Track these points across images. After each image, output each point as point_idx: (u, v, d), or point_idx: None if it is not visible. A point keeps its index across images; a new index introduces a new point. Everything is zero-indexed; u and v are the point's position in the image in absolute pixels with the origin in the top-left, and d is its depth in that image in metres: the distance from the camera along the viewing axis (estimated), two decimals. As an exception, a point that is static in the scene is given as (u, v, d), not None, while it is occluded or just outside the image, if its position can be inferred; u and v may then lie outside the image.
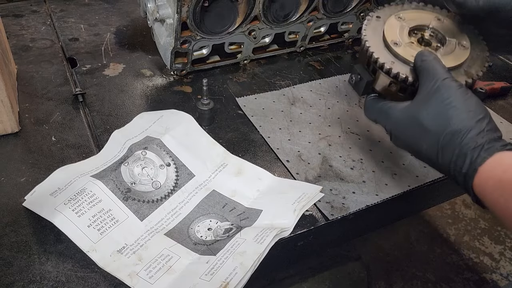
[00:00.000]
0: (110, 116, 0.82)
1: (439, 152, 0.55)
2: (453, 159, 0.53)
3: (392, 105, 0.62)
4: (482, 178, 0.51)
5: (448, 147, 0.53)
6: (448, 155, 0.54)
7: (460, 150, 0.52)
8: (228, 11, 0.87)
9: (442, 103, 0.54)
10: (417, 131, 0.56)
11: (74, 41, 1.02)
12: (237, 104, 0.88)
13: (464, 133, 0.52)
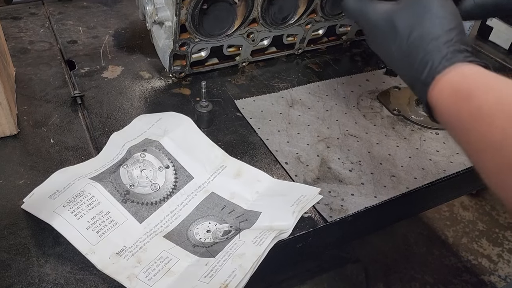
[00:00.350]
0: (109, 119, 0.82)
1: (404, 56, 0.54)
2: (416, 64, 0.52)
3: (374, 4, 0.60)
4: (439, 86, 0.50)
5: (413, 50, 0.53)
6: (412, 59, 0.53)
7: (423, 56, 0.51)
8: (227, 14, 0.87)
9: (418, 6, 0.53)
10: (390, 33, 0.55)
11: (73, 43, 1.02)
12: (236, 107, 0.88)
13: (431, 39, 0.51)
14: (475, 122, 0.45)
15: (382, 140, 0.84)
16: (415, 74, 0.52)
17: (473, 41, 1.22)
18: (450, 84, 0.49)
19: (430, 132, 0.87)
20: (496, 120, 0.43)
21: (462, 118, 0.47)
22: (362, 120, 0.88)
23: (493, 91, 0.45)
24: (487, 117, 0.44)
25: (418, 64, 0.52)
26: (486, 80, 0.47)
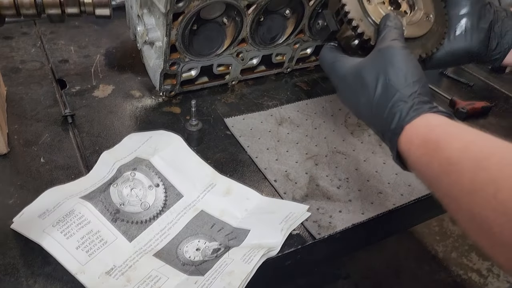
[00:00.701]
0: (99, 137, 0.82)
1: (373, 107, 0.56)
2: (384, 115, 0.54)
3: (344, 59, 0.62)
4: (408, 136, 0.52)
5: (381, 102, 0.55)
6: (380, 110, 0.55)
7: (392, 106, 0.54)
8: (216, 34, 0.89)
9: (384, 61, 0.55)
10: (359, 86, 0.57)
11: (64, 62, 1.03)
12: (225, 125, 0.89)
13: (398, 90, 0.54)
14: (445, 171, 0.47)
15: (369, 157, 0.85)
16: (385, 125, 0.55)
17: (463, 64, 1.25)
18: (419, 135, 0.51)
19: (416, 149, 0.89)
20: (465, 168, 0.44)
21: (432, 168, 0.48)
22: (350, 138, 0.90)
23: (459, 140, 0.48)
24: (456, 166, 0.45)
25: (387, 114, 0.54)
26: (452, 130, 0.50)
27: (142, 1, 0.84)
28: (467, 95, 1.10)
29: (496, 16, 0.65)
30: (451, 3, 0.66)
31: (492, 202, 0.40)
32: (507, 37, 0.65)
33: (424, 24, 0.64)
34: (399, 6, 0.65)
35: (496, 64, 0.68)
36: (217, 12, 0.86)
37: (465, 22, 0.65)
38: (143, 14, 0.85)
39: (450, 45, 0.66)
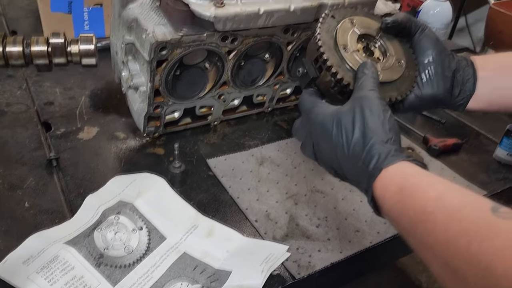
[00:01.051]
0: (84, 180, 0.84)
1: (350, 150, 0.57)
2: (362, 157, 0.55)
3: (323, 105, 0.63)
4: (384, 181, 0.53)
5: (359, 144, 0.56)
6: (357, 152, 0.56)
7: (369, 149, 0.55)
8: (199, 78, 0.93)
9: (362, 107, 0.57)
10: (336, 130, 0.58)
11: (49, 105, 1.05)
12: (208, 166, 0.92)
13: (375, 135, 0.55)
14: (420, 220, 0.48)
15: (347, 196, 0.88)
16: (361, 167, 0.56)
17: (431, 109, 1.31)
18: (394, 182, 0.52)
19: (391, 186, 0.92)
20: (439, 218, 0.46)
21: (407, 216, 0.50)
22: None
23: (434, 190, 0.49)
24: (431, 215, 0.47)
25: (364, 156, 0.55)
26: (427, 180, 0.51)
27: (127, 49, 0.87)
28: (440, 132, 1.15)
29: (458, 65, 0.70)
30: (419, 52, 0.70)
31: (465, 253, 0.41)
32: (468, 84, 0.70)
33: (397, 69, 0.68)
34: (372, 54, 0.69)
35: (460, 109, 0.72)
36: (199, 58, 0.90)
37: (431, 70, 0.69)
38: (128, 61, 0.89)
39: (419, 91, 0.70)
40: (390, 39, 0.70)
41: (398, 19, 0.67)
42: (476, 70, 0.70)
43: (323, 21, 0.67)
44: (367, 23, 0.70)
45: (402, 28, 0.68)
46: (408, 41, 0.71)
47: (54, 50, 0.69)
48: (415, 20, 0.69)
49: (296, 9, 0.86)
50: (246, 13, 0.81)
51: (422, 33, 0.69)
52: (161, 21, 0.82)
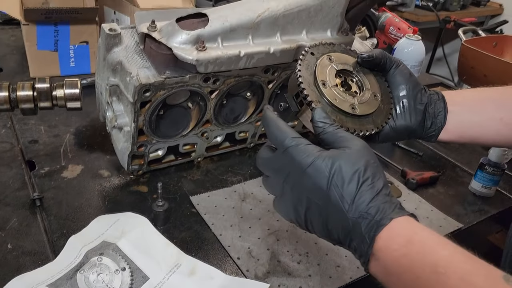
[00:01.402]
0: (67, 220, 0.85)
1: (351, 201, 0.52)
2: (366, 206, 0.52)
3: (308, 146, 0.57)
4: (391, 232, 0.50)
5: (365, 197, 0.52)
6: (363, 203, 0.52)
7: (375, 202, 0.52)
8: (182, 117, 0.95)
9: (365, 159, 0.54)
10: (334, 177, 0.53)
11: (34, 143, 1.06)
12: (191, 203, 0.93)
13: (380, 189, 0.53)
14: (429, 280, 0.46)
15: (328, 231, 0.90)
16: (364, 215, 0.51)
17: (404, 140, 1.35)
18: (403, 233, 0.50)
19: (371, 220, 0.95)
20: (452, 280, 0.45)
21: (414, 272, 0.47)
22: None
23: (446, 249, 0.48)
24: (443, 276, 0.45)
25: (370, 207, 0.51)
26: (437, 238, 0.50)
27: (111, 90, 0.90)
28: (417, 165, 1.18)
29: (430, 99, 0.74)
30: (393, 86, 0.74)
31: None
32: (439, 117, 0.74)
33: (373, 103, 0.71)
34: (350, 88, 0.72)
35: (432, 140, 0.76)
36: (182, 98, 0.93)
37: (404, 103, 0.73)
38: (112, 101, 0.91)
39: (393, 123, 0.73)
40: (366, 74, 0.73)
41: (374, 55, 0.71)
42: (446, 104, 0.74)
43: (303, 58, 0.70)
44: (344, 59, 0.73)
45: (377, 63, 0.72)
46: (384, 75, 0.74)
47: (40, 94, 0.71)
48: (390, 56, 0.73)
49: (275, 51, 0.89)
50: (227, 56, 0.84)
51: (396, 69, 0.73)
52: (145, 64, 0.85)
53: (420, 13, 2.94)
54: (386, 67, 0.73)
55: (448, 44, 3.33)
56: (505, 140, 0.73)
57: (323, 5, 0.90)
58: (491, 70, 1.32)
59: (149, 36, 0.84)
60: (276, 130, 0.60)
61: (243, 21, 0.85)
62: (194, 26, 0.84)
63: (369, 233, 0.51)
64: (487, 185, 1.06)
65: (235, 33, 0.86)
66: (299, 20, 0.90)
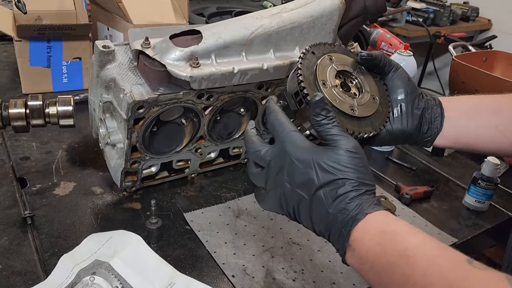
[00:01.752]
0: (59, 238, 0.83)
1: (337, 198, 0.55)
2: (347, 202, 0.54)
3: (298, 136, 0.60)
4: (366, 224, 0.53)
5: (346, 194, 0.55)
6: (343, 200, 0.55)
7: (354, 199, 0.54)
8: (176, 133, 0.95)
9: (351, 152, 0.57)
10: (316, 175, 0.56)
11: (25, 160, 1.05)
12: (185, 219, 0.92)
13: (367, 184, 0.56)
14: (399, 263, 0.49)
15: (323, 247, 0.90)
16: (343, 210, 0.55)
17: (400, 144, 1.36)
18: (377, 225, 0.53)
19: (366, 236, 0.94)
20: (419, 262, 0.48)
21: (386, 258, 0.50)
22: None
23: (415, 237, 0.51)
24: (411, 259, 0.48)
25: (349, 202, 0.54)
26: (409, 229, 0.53)
27: (104, 107, 0.89)
28: (411, 179, 1.19)
29: (427, 104, 0.75)
30: (391, 89, 0.74)
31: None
32: (436, 122, 0.74)
33: (372, 105, 0.71)
34: (349, 89, 0.72)
35: (427, 145, 0.76)
36: (175, 115, 0.92)
37: (401, 107, 0.73)
38: (105, 118, 0.91)
39: (390, 126, 0.73)
40: (365, 76, 0.73)
41: (373, 54, 0.71)
42: (443, 110, 0.74)
43: (304, 56, 0.70)
44: (344, 59, 0.73)
45: (376, 64, 0.72)
46: (382, 79, 0.75)
47: (32, 112, 0.71)
48: (389, 60, 0.73)
49: (269, 67, 0.90)
50: (221, 73, 0.85)
51: (395, 72, 0.73)
52: (138, 80, 0.85)
53: (410, 28, 2.97)
54: (385, 70, 0.73)
55: (439, 58, 3.37)
56: (500, 148, 0.74)
57: (316, 22, 0.91)
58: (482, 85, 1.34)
59: (142, 53, 0.84)
60: (275, 121, 0.61)
61: (237, 38, 0.86)
62: (188, 43, 0.84)
63: (346, 227, 0.55)
64: (480, 199, 1.07)
65: (229, 50, 0.86)
66: (292, 37, 0.91)
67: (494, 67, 1.66)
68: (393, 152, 1.32)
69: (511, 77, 1.49)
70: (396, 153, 1.32)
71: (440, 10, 3.09)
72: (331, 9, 0.91)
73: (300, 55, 0.70)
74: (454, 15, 3.20)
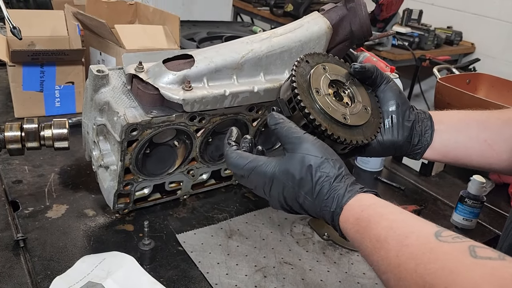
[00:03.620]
0: (52, 261, 0.84)
1: (311, 196, 0.61)
2: (323, 199, 0.60)
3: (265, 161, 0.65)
4: (345, 215, 0.59)
5: (319, 189, 0.60)
6: (320, 196, 0.61)
7: (329, 191, 0.60)
8: (168, 155, 0.97)
9: (307, 156, 0.62)
10: (290, 186, 0.63)
11: (18, 183, 1.06)
12: (178, 241, 0.93)
13: (330, 177, 0.60)
14: (375, 248, 0.54)
15: (314, 266, 0.91)
16: (324, 207, 0.61)
17: (389, 164, 1.39)
18: (353, 214, 0.58)
19: (356, 254, 0.96)
20: (391, 245, 0.52)
21: (365, 245, 0.55)
22: (296, 247, 0.96)
23: (386, 219, 0.55)
24: (384, 243, 0.53)
25: (326, 198, 0.60)
26: (380, 210, 0.57)
27: (98, 129, 0.91)
28: (400, 199, 1.21)
29: (418, 117, 0.77)
30: (382, 101, 0.77)
31: (413, 274, 0.47)
32: (426, 135, 0.77)
33: (363, 115, 0.73)
34: (342, 99, 0.74)
35: (417, 157, 0.79)
36: (168, 137, 0.94)
37: (392, 119, 0.76)
38: (99, 141, 0.92)
39: (380, 137, 0.76)
40: (358, 87, 0.75)
41: (366, 66, 0.74)
42: (433, 123, 0.77)
43: (298, 64, 0.72)
44: (337, 70, 0.75)
45: (368, 76, 0.75)
46: (374, 91, 0.77)
47: (28, 135, 0.72)
48: (381, 72, 0.76)
49: (259, 90, 0.92)
50: (213, 95, 0.87)
51: (387, 85, 0.76)
52: (132, 103, 0.87)
53: (396, 52, 3.05)
54: (377, 82, 0.76)
55: (425, 80, 3.45)
56: (489, 162, 0.76)
57: (304, 46, 0.94)
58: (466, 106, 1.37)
59: (136, 76, 0.86)
60: (286, 131, 0.65)
61: (228, 62, 0.89)
62: (180, 67, 0.86)
63: (333, 222, 0.61)
64: (468, 217, 1.09)
65: (220, 73, 0.89)
66: (282, 61, 0.94)
67: (477, 89, 1.71)
68: (382, 172, 1.34)
69: (494, 98, 1.54)
70: (385, 173, 1.34)
71: (424, 35, 3.18)
72: (319, 34, 0.94)
73: (294, 63, 0.72)
74: (439, 39, 3.29)
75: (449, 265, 0.45)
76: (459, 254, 0.46)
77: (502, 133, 0.75)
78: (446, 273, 0.45)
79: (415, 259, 0.48)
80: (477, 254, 0.46)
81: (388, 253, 0.52)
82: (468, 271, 0.44)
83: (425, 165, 1.34)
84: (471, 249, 0.46)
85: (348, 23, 0.96)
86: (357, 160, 1.35)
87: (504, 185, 1.32)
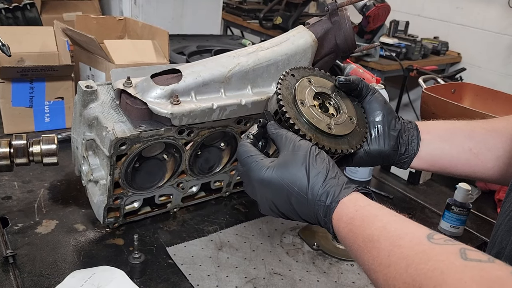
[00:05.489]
0: (41, 277, 0.83)
1: (307, 197, 0.62)
2: (318, 195, 0.61)
3: (261, 162, 0.67)
4: (339, 213, 0.60)
5: (315, 186, 0.61)
6: (315, 192, 0.61)
7: (324, 187, 0.61)
8: (158, 169, 0.97)
9: (304, 156, 0.63)
10: (285, 184, 0.63)
11: (7, 199, 1.05)
12: (168, 254, 0.93)
13: (326, 173, 0.62)
14: (367, 247, 0.55)
15: (304, 276, 0.91)
16: (318, 202, 0.61)
17: (377, 174, 1.40)
18: (347, 213, 0.59)
19: (346, 264, 0.97)
20: (383, 245, 0.53)
21: (357, 244, 0.57)
22: (286, 257, 0.96)
23: (380, 221, 0.56)
24: (376, 243, 0.54)
25: (321, 193, 0.61)
26: (375, 211, 0.58)
27: (87, 144, 0.91)
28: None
29: (404, 127, 0.79)
30: (368, 112, 0.79)
31: (404, 274, 0.48)
32: (413, 144, 0.78)
33: (349, 125, 0.74)
34: (327, 110, 0.76)
35: (404, 166, 0.80)
36: (157, 150, 0.95)
37: (379, 128, 0.78)
38: (88, 156, 0.93)
39: (367, 146, 0.77)
40: (343, 99, 0.77)
41: (350, 79, 0.76)
42: (419, 133, 0.78)
43: (284, 78, 0.74)
44: (323, 83, 0.77)
45: (354, 88, 0.77)
46: (360, 102, 0.79)
47: (16, 151, 0.73)
48: (366, 84, 0.78)
49: (247, 103, 0.94)
50: (201, 109, 0.88)
51: (372, 96, 0.78)
52: (120, 118, 0.88)
53: (384, 63, 3.09)
54: (363, 93, 0.78)
55: (413, 90, 3.50)
56: (474, 171, 0.78)
57: (291, 59, 0.96)
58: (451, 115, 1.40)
59: (124, 91, 0.87)
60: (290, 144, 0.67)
61: (215, 76, 0.90)
62: (168, 81, 0.88)
63: (326, 217, 0.61)
64: (455, 224, 1.11)
65: (208, 87, 0.90)
66: (268, 74, 0.96)
67: (462, 98, 1.74)
68: (370, 181, 1.36)
69: (478, 107, 1.57)
70: (374, 183, 1.36)
71: (411, 45, 3.23)
72: (305, 47, 0.96)
73: (280, 76, 0.74)
74: (425, 49, 3.34)
75: (440, 266, 0.46)
76: (450, 255, 0.47)
77: (487, 142, 0.77)
78: (437, 273, 0.46)
79: (407, 259, 0.49)
80: (468, 256, 0.47)
81: (379, 253, 0.53)
82: (458, 272, 0.45)
83: (413, 174, 1.36)
84: (462, 251, 0.47)
85: (333, 36, 0.98)
86: (346, 170, 1.36)
87: (490, 192, 1.34)
